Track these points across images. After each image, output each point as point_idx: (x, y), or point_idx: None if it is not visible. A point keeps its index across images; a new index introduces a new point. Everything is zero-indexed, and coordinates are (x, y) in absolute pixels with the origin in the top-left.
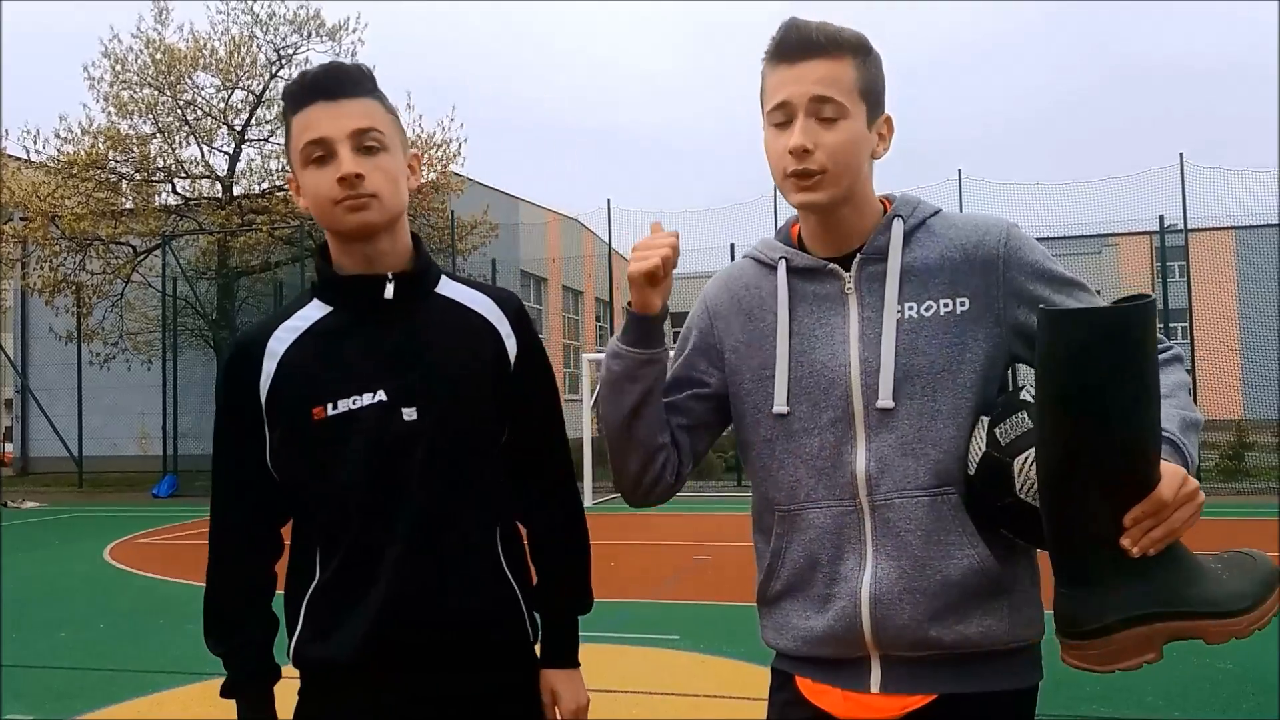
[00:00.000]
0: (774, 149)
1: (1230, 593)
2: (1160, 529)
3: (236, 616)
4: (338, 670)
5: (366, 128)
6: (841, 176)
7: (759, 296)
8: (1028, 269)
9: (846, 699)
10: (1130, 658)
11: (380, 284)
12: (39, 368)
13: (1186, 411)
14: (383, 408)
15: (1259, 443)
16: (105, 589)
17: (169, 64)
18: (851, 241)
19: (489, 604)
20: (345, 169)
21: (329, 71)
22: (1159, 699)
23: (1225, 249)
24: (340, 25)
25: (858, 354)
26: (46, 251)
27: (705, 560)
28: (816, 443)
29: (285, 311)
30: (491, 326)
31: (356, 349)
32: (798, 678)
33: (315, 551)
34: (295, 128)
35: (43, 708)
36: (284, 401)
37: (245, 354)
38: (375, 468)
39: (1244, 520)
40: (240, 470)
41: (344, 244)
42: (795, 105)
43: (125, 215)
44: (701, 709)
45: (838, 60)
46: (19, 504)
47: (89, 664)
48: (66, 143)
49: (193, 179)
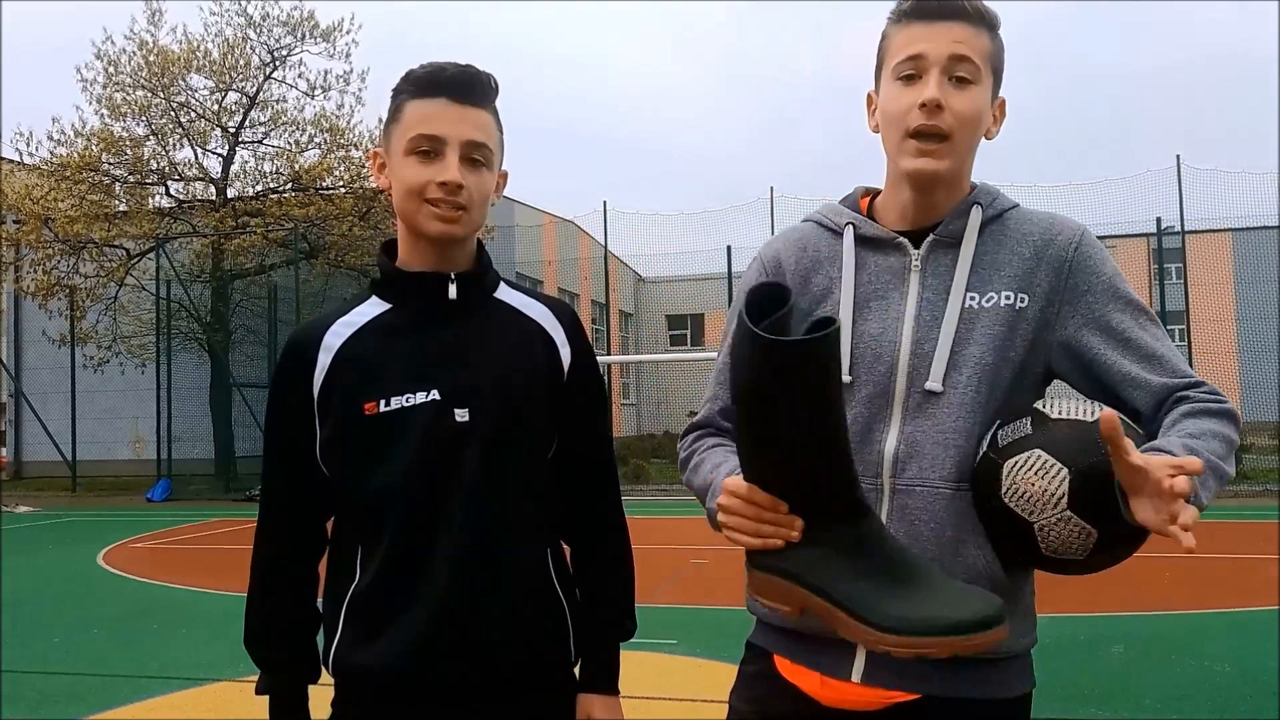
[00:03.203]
0: (899, 103)
1: (887, 609)
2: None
3: (283, 614)
4: (381, 679)
5: (481, 142)
6: (964, 146)
7: (815, 259)
8: (1094, 279)
9: (825, 684)
10: (768, 599)
11: (443, 283)
12: (32, 371)
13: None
14: (435, 407)
15: (1257, 445)
16: (99, 594)
17: (162, 66)
18: (928, 218)
19: (539, 618)
20: (450, 176)
21: (465, 72)
22: (1156, 701)
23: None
24: (334, 26)
25: (910, 334)
26: (40, 254)
27: (702, 564)
28: (850, 415)
29: (344, 308)
30: (548, 334)
31: (413, 347)
32: (775, 656)
33: (356, 552)
34: (410, 114)
35: (36, 712)
36: (336, 395)
37: (300, 348)
38: (424, 467)
39: (1242, 523)
40: (289, 470)
41: (416, 241)
42: (931, 60)
43: (119, 218)
44: (699, 713)
45: (979, 28)
46: (12, 508)
47: (82, 669)
48: (59, 145)
49: (186, 181)
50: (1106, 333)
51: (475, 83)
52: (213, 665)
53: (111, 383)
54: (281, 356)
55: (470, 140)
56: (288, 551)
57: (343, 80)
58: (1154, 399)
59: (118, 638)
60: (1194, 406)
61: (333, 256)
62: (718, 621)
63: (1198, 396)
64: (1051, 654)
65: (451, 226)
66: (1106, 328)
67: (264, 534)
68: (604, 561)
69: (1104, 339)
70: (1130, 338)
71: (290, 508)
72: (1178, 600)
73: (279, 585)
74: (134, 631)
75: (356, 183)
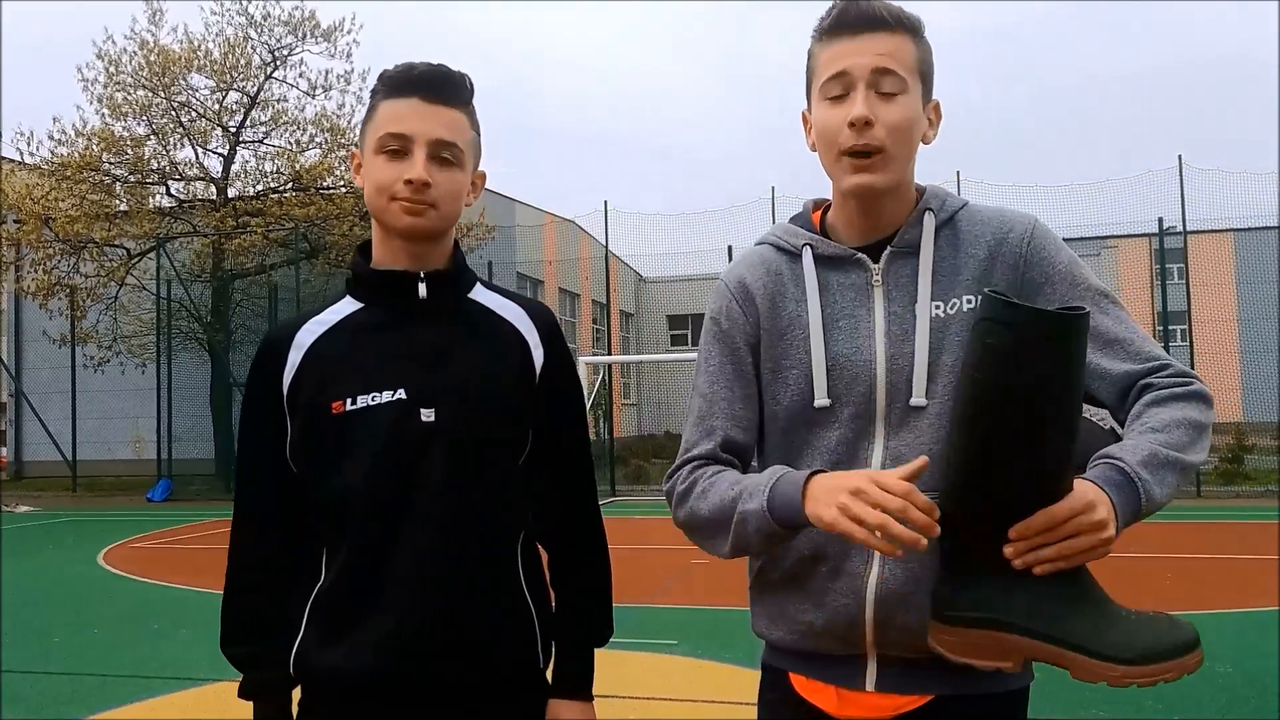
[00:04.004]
0: (830, 122)
1: (1117, 641)
2: (1052, 550)
3: (260, 616)
4: (343, 680)
5: (450, 140)
6: (899, 158)
7: (780, 284)
8: (1050, 270)
9: (841, 696)
10: (982, 657)
11: (413, 282)
12: (32, 371)
13: (1169, 450)
14: (401, 406)
15: (1258, 445)
16: (99, 594)
17: (163, 65)
18: (881, 230)
19: (505, 622)
20: (416, 173)
21: (435, 71)
22: (1158, 703)
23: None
24: (335, 26)
25: (884, 350)
26: (40, 254)
27: (702, 564)
28: (835, 436)
29: (319, 307)
30: (521, 336)
31: (383, 346)
32: (791, 675)
33: (321, 553)
34: (382, 113)
35: (36, 713)
36: (305, 393)
37: (273, 347)
38: (389, 466)
39: (1243, 524)
40: (263, 470)
41: (388, 240)
42: (855, 76)
43: (119, 218)
44: (699, 713)
45: (899, 36)
46: (12, 508)
47: (83, 669)
48: (60, 145)
49: (187, 181)
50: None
51: (446, 82)
52: (213, 665)
53: (112, 382)
54: (256, 354)
55: (438, 139)
56: (262, 551)
57: (344, 80)
58: (1117, 389)
59: (118, 638)
60: (1159, 394)
61: (333, 256)
62: (718, 622)
63: (1161, 382)
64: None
65: (418, 220)
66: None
67: (238, 534)
68: (579, 566)
69: None
70: (1093, 325)
71: (264, 507)
72: (1177, 600)
73: (253, 584)
74: (134, 631)
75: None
